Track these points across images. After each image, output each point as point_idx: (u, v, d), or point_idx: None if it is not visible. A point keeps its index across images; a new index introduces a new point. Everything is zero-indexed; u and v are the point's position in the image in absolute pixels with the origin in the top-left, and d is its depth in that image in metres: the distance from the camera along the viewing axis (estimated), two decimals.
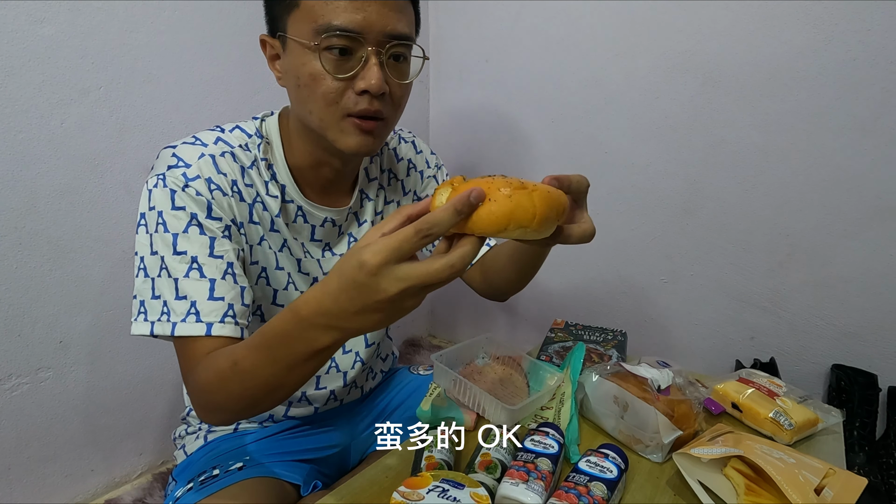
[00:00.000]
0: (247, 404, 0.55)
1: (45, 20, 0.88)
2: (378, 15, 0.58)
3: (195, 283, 0.58)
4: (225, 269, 0.60)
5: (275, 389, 0.52)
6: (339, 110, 0.61)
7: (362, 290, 0.42)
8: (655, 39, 1.24)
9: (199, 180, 0.60)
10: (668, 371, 0.73)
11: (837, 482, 0.57)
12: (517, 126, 1.49)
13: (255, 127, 0.68)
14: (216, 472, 0.68)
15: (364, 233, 0.75)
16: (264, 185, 0.67)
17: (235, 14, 1.13)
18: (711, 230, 1.26)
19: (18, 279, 0.92)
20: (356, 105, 0.60)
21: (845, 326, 1.15)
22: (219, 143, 0.64)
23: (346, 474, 0.81)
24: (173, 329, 0.57)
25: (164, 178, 0.60)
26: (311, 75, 0.59)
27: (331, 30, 0.57)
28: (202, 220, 0.60)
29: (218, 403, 0.56)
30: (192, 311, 0.58)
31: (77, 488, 1.07)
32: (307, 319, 0.46)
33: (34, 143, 0.90)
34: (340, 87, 0.59)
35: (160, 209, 0.59)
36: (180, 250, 0.59)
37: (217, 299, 0.58)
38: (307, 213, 0.71)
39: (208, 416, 0.60)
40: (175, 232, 0.59)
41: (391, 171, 0.83)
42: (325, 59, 0.58)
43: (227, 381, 0.53)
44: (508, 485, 0.53)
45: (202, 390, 0.56)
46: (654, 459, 0.65)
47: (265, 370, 0.51)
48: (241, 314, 0.60)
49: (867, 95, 1.05)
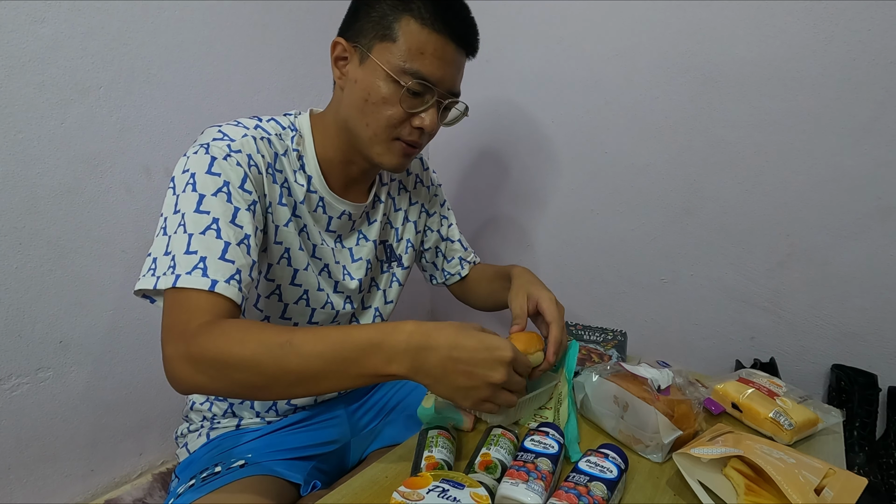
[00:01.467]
0: (259, 383, 0.54)
1: (45, 20, 0.88)
2: (451, 75, 0.71)
3: (210, 241, 0.59)
4: (241, 239, 0.62)
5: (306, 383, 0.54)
6: (393, 133, 0.71)
7: (486, 361, 0.55)
8: (655, 39, 1.24)
9: (241, 153, 0.65)
10: (668, 371, 0.73)
11: (837, 482, 0.57)
12: (517, 126, 1.49)
13: (290, 121, 0.75)
14: (218, 470, 0.69)
15: (374, 231, 0.85)
16: (293, 173, 0.73)
17: (235, 14, 1.13)
18: (711, 230, 1.26)
19: (18, 279, 0.92)
20: (409, 135, 0.72)
21: (845, 326, 1.15)
22: (258, 129, 0.70)
23: (345, 472, 0.81)
24: (176, 280, 0.57)
25: (208, 146, 0.64)
26: (384, 98, 0.68)
27: (417, 76, 0.68)
28: (233, 189, 0.63)
29: (223, 366, 0.53)
30: (200, 266, 0.58)
31: (77, 488, 1.07)
32: (402, 343, 0.53)
33: (34, 143, 0.90)
34: (404, 117, 0.70)
35: (194, 171, 0.62)
36: (204, 209, 0.61)
37: (228, 261, 0.59)
38: (327, 205, 0.77)
39: (193, 377, 0.54)
40: (203, 193, 0.61)
41: (401, 182, 0.91)
42: (402, 94, 0.68)
43: (265, 354, 0.53)
44: (508, 485, 0.53)
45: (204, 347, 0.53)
46: (654, 459, 0.65)
47: (318, 364, 0.53)
48: (245, 283, 0.61)
49: (867, 95, 1.05)
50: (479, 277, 1.01)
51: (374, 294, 0.89)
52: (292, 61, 1.28)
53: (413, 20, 0.67)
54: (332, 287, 0.80)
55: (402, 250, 0.91)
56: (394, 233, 0.90)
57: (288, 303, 0.76)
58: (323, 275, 0.79)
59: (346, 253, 0.82)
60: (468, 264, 1.01)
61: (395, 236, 0.90)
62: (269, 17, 1.20)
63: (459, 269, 1.01)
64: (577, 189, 1.42)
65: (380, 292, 0.89)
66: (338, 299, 0.81)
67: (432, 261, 1.00)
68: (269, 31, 1.21)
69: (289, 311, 0.77)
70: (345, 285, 0.81)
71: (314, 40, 1.31)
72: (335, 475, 0.80)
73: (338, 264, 0.80)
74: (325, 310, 0.80)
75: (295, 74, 1.29)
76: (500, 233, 1.61)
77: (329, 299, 0.80)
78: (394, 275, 0.90)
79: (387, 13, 0.68)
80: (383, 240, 0.88)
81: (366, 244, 0.84)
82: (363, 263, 0.83)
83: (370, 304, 0.88)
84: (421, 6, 0.67)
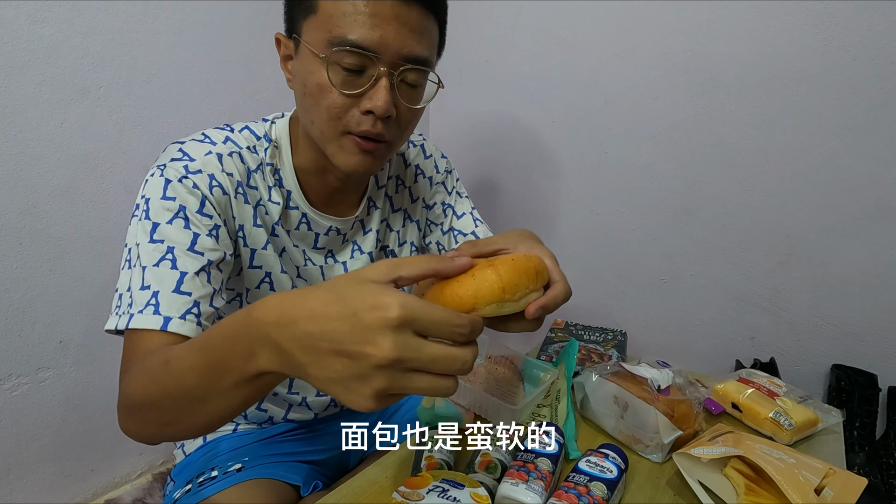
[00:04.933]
0: (163, 418, 0.46)
1: (45, 20, 0.88)
2: (396, 35, 0.55)
3: (163, 273, 0.53)
4: (201, 267, 0.56)
5: (194, 406, 0.43)
6: (340, 126, 0.59)
7: (355, 332, 0.34)
8: (655, 39, 1.24)
9: (200, 175, 0.58)
10: (668, 371, 0.73)
11: (837, 482, 0.57)
12: (517, 126, 1.49)
13: (265, 129, 0.66)
14: (215, 474, 0.68)
15: (369, 242, 0.74)
16: (267, 190, 0.65)
17: (235, 14, 1.12)
18: (711, 230, 1.26)
19: (18, 279, 0.92)
20: (358, 125, 0.58)
21: (845, 326, 1.15)
22: (227, 143, 0.62)
23: (346, 474, 0.81)
24: (129, 321, 0.52)
25: (164, 168, 0.58)
26: (318, 85, 0.57)
27: (345, 43, 0.54)
28: (191, 213, 0.57)
29: (135, 408, 0.48)
30: (152, 303, 0.52)
31: (77, 488, 1.07)
32: (259, 323, 0.37)
33: (34, 143, 0.90)
34: (346, 103, 0.57)
35: (149, 197, 0.57)
36: (157, 238, 0.55)
37: (183, 293, 0.53)
38: (311, 221, 0.70)
39: (125, 424, 0.50)
40: (157, 221, 0.56)
41: (399, 178, 0.81)
42: (334, 72, 0.56)
43: (151, 382, 0.45)
44: (508, 485, 0.53)
45: (124, 392, 0.49)
46: (654, 459, 0.65)
47: (192, 378, 0.42)
48: (206, 315, 0.55)
49: (867, 95, 1.05)
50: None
51: None
52: None
53: None
54: None
55: (405, 255, 0.84)
56: (395, 236, 0.82)
57: None
58: None
59: (338, 269, 0.75)
60: None
61: (397, 240, 0.82)
62: (269, 17, 1.20)
63: None
64: (577, 189, 1.42)
65: None
66: None
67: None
68: (269, 31, 1.21)
69: None
70: None
71: None
72: (335, 478, 0.79)
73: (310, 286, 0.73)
74: None
75: None
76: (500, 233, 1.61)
77: None
78: None
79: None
80: (384, 245, 0.81)
81: (360, 257, 0.76)
82: None
83: None
84: None
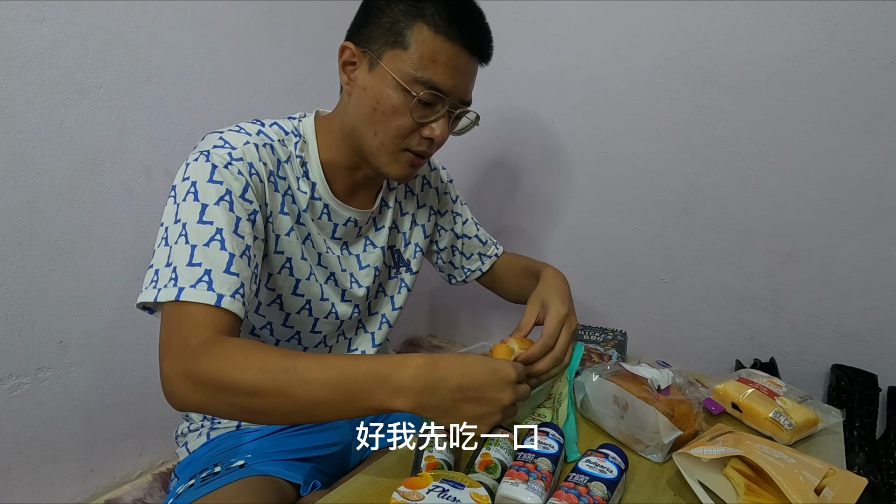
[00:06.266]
0: (261, 409, 0.53)
1: (45, 20, 0.88)
2: (463, 85, 0.69)
3: (214, 253, 0.58)
4: (243, 250, 0.61)
5: (306, 411, 0.53)
6: (403, 144, 0.69)
7: (489, 385, 0.55)
8: (655, 39, 1.24)
9: (242, 162, 0.63)
10: (668, 371, 0.73)
11: (837, 482, 0.57)
12: (517, 126, 1.49)
13: (293, 125, 0.73)
14: (218, 470, 0.68)
15: (382, 237, 0.83)
16: (296, 180, 0.71)
17: (235, 14, 1.13)
18: (711, 230, 1.26)
19: (18, 279, 0.92)
20: (418, 145, 0.70)
21: (845, 326, 1.15)
22: (260, 135, 0.68)
23: (346, 473, 0.81)
24: (179, 293, 0.55)
25: (209, 154, 0.62)
26: (394, 108, 0.66)
27: (428, 85, 0.65)
28: (235, 198, 0.61)
29: (226, 389, 0.52)
30: (205, 280, 0.56)
31: (77, 488, 1.07)
32: (415, 373, 0.53)
33: (34, 143, 0.90)
34: (413, 126, 0.68)
35: (195, 179, 0.61)
36: (207, 219, 0.59)
37: (233, 274, 0.58)
38: (333, 212, 0.75)
39: (191, 395, 0.53)
40: (205, 202, 0.60)
41: (407, 186, 0.88)
42: (413, 104, 0.66)
43: (267, 378, 0.51)
44: (508, 485, 0.53)
45: (204, 368, 0.52)
46: (654, 459, 0.65)
47: (323, 392, 0.52)
48: (248, 296, 0.60)
49: (867, 95, 1.05)
50: (507, 272, 0.98)
51: (382, 300, 0.88)
52: (292, 61, 1.28)
53: (426, 27, 0.65)
54: (339, 296, 0.79)
55: (410, 255, 0.89)
56: (401, 237, 0.88)
57: (290, 312, 0.75)
58: (329, 283, 0.77)
59: (352, 260, 0.80)
60: (489, 259, 0.98)
61: (403, 241, 0.88)
62: (269, 17, 1.20)
63: (480, 265, 0.98)
64: (577, 189, 1.42)
65: (387, 298, 0.88)
66: (344, 308, 0.80)
67: (449, 260, 0.98)
68: (269, 31, 1.21)
69: (291, 320, 0.76)
70: (352, 293, 0.80)
71: (314, 40, 1.31)
72: (335, 477, 0.80)
73: (344, 272, 0.79)
74: (328, 319, 0.79)
75: (295, 74, 1.29)
76: (499, 233, 1.61)
77: (334, 308, 0.78)
78: (402, 280, 0.89)
79: (399, 19, 0.65)
80: (391, 245, 0.87)
81: (373, 251, 0.83)
82: (371, 270, 0.82)
83: (377, 310, 0.87)
84: (435, 13, 0.64)
